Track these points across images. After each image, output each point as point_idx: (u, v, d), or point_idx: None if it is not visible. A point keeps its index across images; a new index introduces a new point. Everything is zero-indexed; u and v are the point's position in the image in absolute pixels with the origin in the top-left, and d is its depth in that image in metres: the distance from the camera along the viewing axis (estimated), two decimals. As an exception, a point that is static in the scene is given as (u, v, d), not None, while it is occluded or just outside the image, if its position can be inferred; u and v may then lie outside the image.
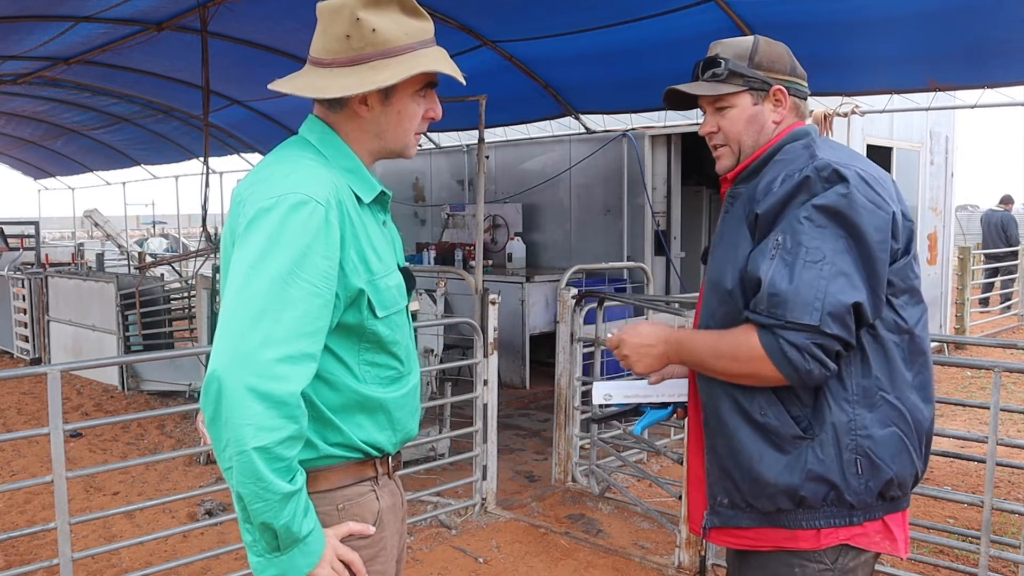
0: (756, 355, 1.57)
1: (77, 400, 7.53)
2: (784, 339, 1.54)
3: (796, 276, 1.54)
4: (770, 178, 1.66)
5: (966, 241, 11.73)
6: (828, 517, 1.63)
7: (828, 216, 1.57)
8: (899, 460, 1.64)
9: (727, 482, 1.71)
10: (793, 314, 1.53)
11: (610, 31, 6.03)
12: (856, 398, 1.62)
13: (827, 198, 1.57)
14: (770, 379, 1.59)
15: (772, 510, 1.65)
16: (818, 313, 1.52)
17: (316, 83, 1.55)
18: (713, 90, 1.76)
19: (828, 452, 1.61)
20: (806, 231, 1.57)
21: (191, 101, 9.03)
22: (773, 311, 1.55)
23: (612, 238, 8.57)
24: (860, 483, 1.62)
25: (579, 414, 4.95)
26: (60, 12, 6.35)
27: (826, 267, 1.54)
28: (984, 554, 3.18)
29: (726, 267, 1.69)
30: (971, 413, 6.59)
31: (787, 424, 1.63)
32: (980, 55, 5.22)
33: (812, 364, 1.54)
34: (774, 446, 1.64)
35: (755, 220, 1.64)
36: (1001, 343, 3.70)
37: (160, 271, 10.52)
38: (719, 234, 1.78)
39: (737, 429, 1.67)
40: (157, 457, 3.94)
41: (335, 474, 1.57)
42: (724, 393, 1.69)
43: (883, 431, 1.62)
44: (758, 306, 1.58)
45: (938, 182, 9.23)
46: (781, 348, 1.54)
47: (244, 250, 1.43)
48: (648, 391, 1.95)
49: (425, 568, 3.90)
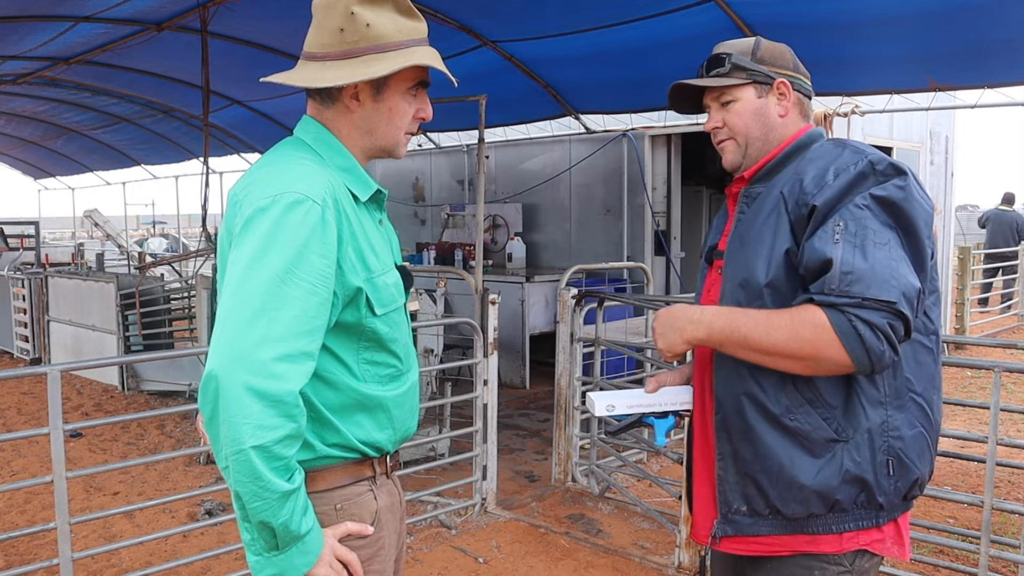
0: (823, 334, 1.49)
1: (77, 400, 7.53)
2: (858, 318, 1.47)
3: (870, 255, 1.50)
4: (815, 173, 1.63)
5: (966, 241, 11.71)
6: (858, 519, 1.63)
7: (885, 207, 1.56)
8: (924, 459, 1.66)
9: (749, 488, 1.68)
10: (871, 291, 1.47)
11: (610, 31, 6.03)
12: (888, 399, 1.61)
13: (885, 190, 1.57)
14: (831, 362, 1.51)
15: (802, 516, 1.64)
16: (896, 291, 1.48)
17: (308, 75, 1.57)
18: (717, 83, 1.77)
19: (864, 454, 1.60)
20: (868, 217, 1.55)
21: (191, 101, 9.03)
22: (847, 289, 1.48)
23: (612, 238, 8.57)
24: (891, 484, 1.62)
25: (579, 414, 4.95)
26: (60, 12, 6.35)
27: (893, 251, 1.52)
28: (984, 554, 3.18)
29: (756, 263, 1.65)
30: (971, 413, 6.59)
31: (819, 427, 1.61)
32: (980, 55, 5.21)
33: (885, 346, 1.48)
34: (806, 450, 1.62)
35: (809, 213, 1.60)
36: (1001, 343, 3.69)
37: (160, 271, 10.51)
38: (738, 235, 1.74)
39: (765, 434, 1.64)
40: (157, 457, 3.94)
41: (333, 474, 1.57)
42: (748, 397, 1.66)
43: (911, 431, 1.63)
44: (827, 286, 1.50)
45: (938, 182, 9.23)
46: (854, 327, 1.47)
47: (241, 250, 1.43)
48: (649, 400, 1.90)
49: (425, 568, 3.90)
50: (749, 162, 1.81)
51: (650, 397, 1.90)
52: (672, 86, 1.84)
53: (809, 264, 1.56)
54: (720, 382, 1.72)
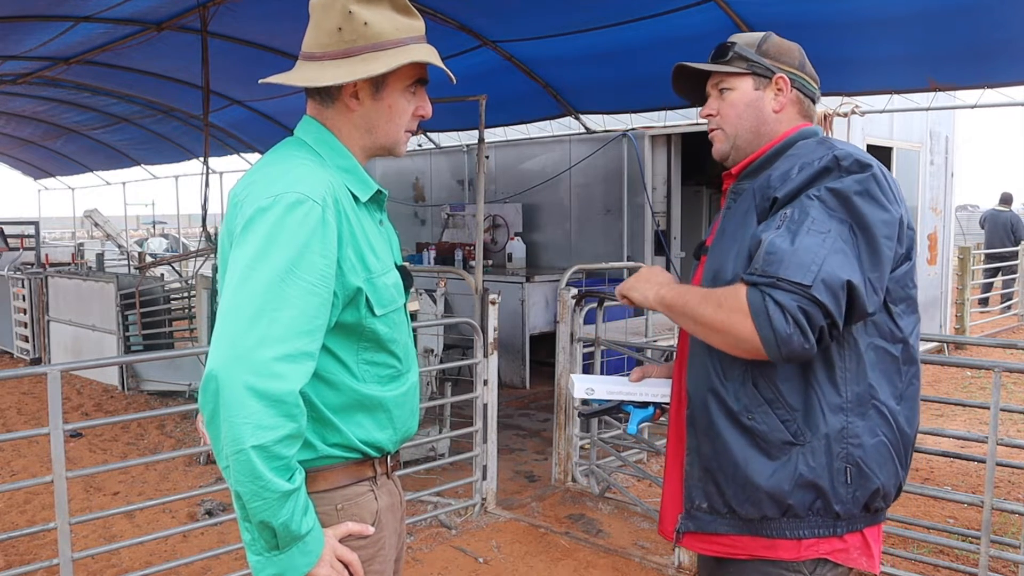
0: (739, 307, 1.51)
1: (77, 400, 7.53)
2: (771, 297, 1.47)
3: (798, 240, 1.50)
4: (785, 168, 1.64)
5: (966, 241, 11.72)
6: (813, 527, 1.61)
7: (839, 200, 1.54)
8: (885, 470, 1.63)
9: (709, 485, 1.68)
10: (787, 272, 1.47)
11: (610, 31, 6.03)
12: (850, 405, 1.59)
13: (842, 183, 1.56)
14: (744, 340, 1.51)
15: (756, 517, 1.62)
16: (812, 276, 1.46)
17: (307, 75, 1.57)
18: (716, 68, 1.79)
19: (819, 459, 1.58)
20: (815, 207, 1.54)
21: (191, 101, 9.04)
22: (767, 269, 1.49)
23: (612, 238, 8.57)
24: (848, 492, 1.60)
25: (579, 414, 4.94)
26: (60, 12, 6.36)
27: (828, 240, 1.50)
28: (984, 554, 3.18)
29: (727, 258, 1.67)
30: (971, 413, 6.58)
31: (776, 429, 1.60)
32: (980, 55, 5.21)
33: (793, 329, 1.46)
34: (761, 451, 1.61)
35: (771, 205, 1.61)
36: (1001, 343, 3.69)
37: (160, 271, 10.52)
38: (721, 229, 1.76)
39: (724, 431, 1.64)
40: (157, 457, 3.94)
41: (333, 474, 1.57)
42: (712, 393, 1.66)
43: (872, 440, 1.61)
44: (753, 266, 1.53)
45: (938, 182, 9.24)
46: (765, 307, 1.47)
47: (242, 250, 1.44)
48: (630, 388, 1.90)
49: (425, 568, 3.90)
50: (737, 154, 1.81)
51: (632, 386, 1.91)
52: (675, 67, 1.85)
53: (751, 248, 1.58)
54: (691, 378, 1.73)
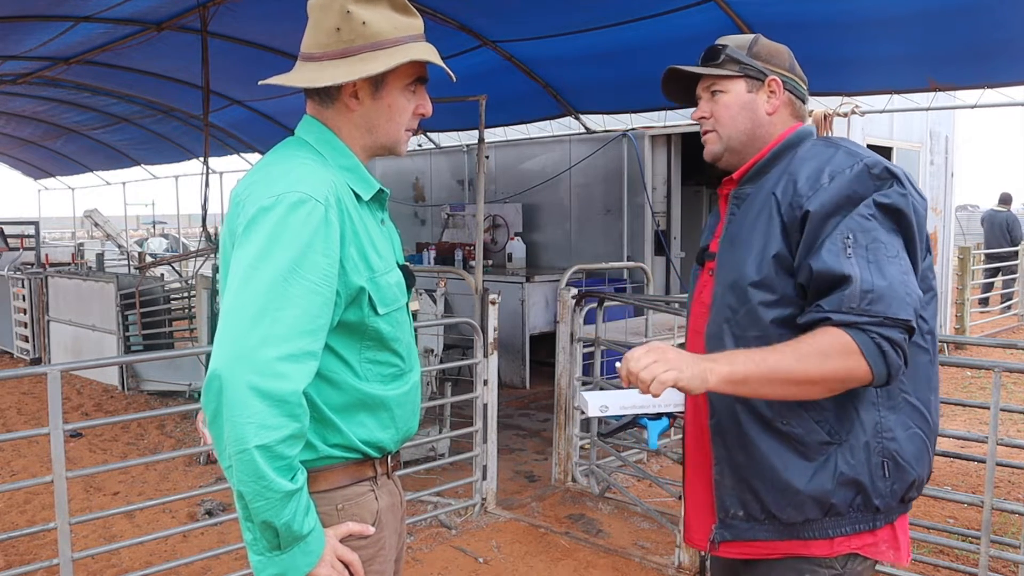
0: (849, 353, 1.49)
1: (77, 400, 7.53)
2: (881, 336, 1.49)
3: (887, 272, 1.51)
4: (807, 174, 1.62)
5: (966, 241, 11.72)
6: (854, 523, 1.62)
7: (894, 218, 1.57)
8: (921, 461, 1.64)
9: (745, 494, 1.67)
10: (892, 310, 1.49)
11: (610, 31, 6.03)
12: (880, 400, 1.61)
13: (889, 197, 1.57)
14: (857, 382, 1.52)
15: (798, 521, 1.63)
16: (911, 308, 1.51)
17: (307, 75, 1.57)
18: (709, 71, 1.78)
19: (858, 456, 1.59)
20: (877, 228, 1.55)
21: (191, 101, 9.03)
22: (869, 308, 1.49)
23: (612, 238, 8.57)
24: (887, 486, 1.61)
25: (579, 414, 4.94)
26: (60, 12, 6.36)
27: (902, 263, 1.54)
28: (984, 554, 3.18)
29: (746, 265, 1.64)
30: (971, 413, 6.59)
31: (812, 431, 1.60)
32: (980, 55, 5.22)
33: (902, 360, 1.51)
34: (799, 454, 1.61)
35: (803, 216, 1.59)
36: (1001, 343, 3.70)
37: (160, 271, 10.52)
38: (729, 236, 1.74)
39: (758, 439, 1.64)
40: (157, 457, 3.94)
41: (334, 474, 1.57)
42: (740, 402, 1.64)
43: (906, 432, 1.62)
44: (846, 304, 1.50)
45: (938, 182, 9.24)
46: (879, 346, 1.49)
47: (244, 249, 1.44)
48: (643, 401, 1.83)
49: (425, 568, 3.90)
50: (731, 156, 1.80)
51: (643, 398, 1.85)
52: (666, 70, 1.84)
53: (820, 279, 1.54)
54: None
